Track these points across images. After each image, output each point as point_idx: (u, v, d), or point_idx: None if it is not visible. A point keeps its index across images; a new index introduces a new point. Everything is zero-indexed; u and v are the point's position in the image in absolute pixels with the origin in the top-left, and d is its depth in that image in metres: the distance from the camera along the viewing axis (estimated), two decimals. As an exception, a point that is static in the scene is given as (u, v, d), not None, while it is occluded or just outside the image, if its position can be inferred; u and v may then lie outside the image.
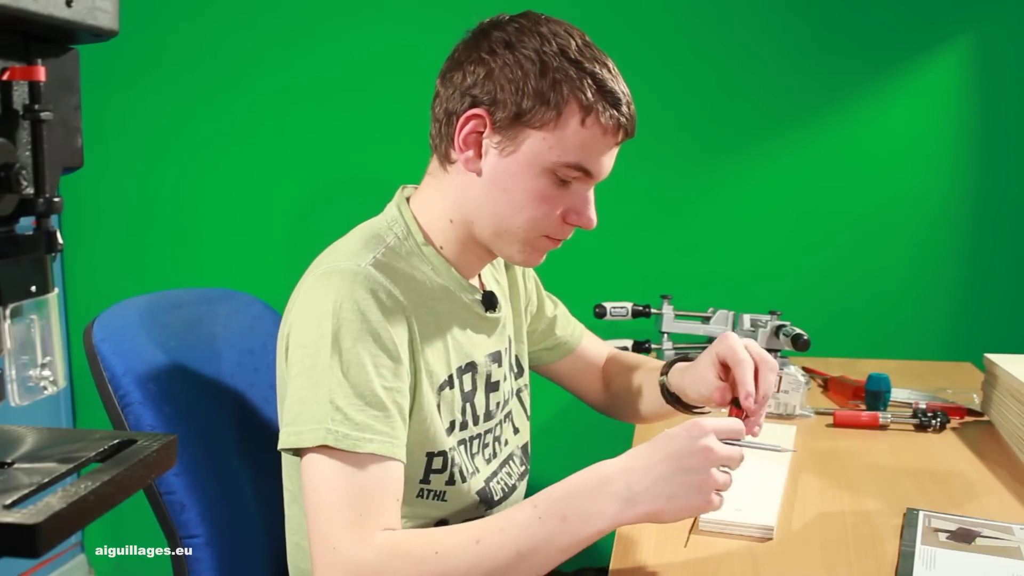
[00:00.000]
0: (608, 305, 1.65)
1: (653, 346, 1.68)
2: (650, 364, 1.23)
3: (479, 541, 0.81)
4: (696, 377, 1.05)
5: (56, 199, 0.55)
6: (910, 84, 1.92)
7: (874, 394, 1.43)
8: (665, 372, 1.14)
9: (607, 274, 2.03)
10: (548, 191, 0.94)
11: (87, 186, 2.09)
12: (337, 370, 0.86)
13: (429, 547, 0.81)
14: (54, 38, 0.57)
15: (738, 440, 0.85)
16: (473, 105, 0.93)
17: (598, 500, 0.82)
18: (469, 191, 0.96)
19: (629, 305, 1.66)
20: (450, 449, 0.98)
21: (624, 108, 0.93)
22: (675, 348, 1.67)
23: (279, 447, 0.88)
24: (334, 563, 0.81)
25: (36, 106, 0.54)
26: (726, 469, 0.84)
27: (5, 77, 0.53)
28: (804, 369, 1.59)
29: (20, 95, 0.54)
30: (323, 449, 0.84)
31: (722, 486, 0.83)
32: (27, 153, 0.55)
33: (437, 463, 0.97)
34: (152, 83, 2.09)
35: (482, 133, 0.94)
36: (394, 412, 0.88)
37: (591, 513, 0.81)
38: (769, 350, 1.51)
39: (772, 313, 1.56)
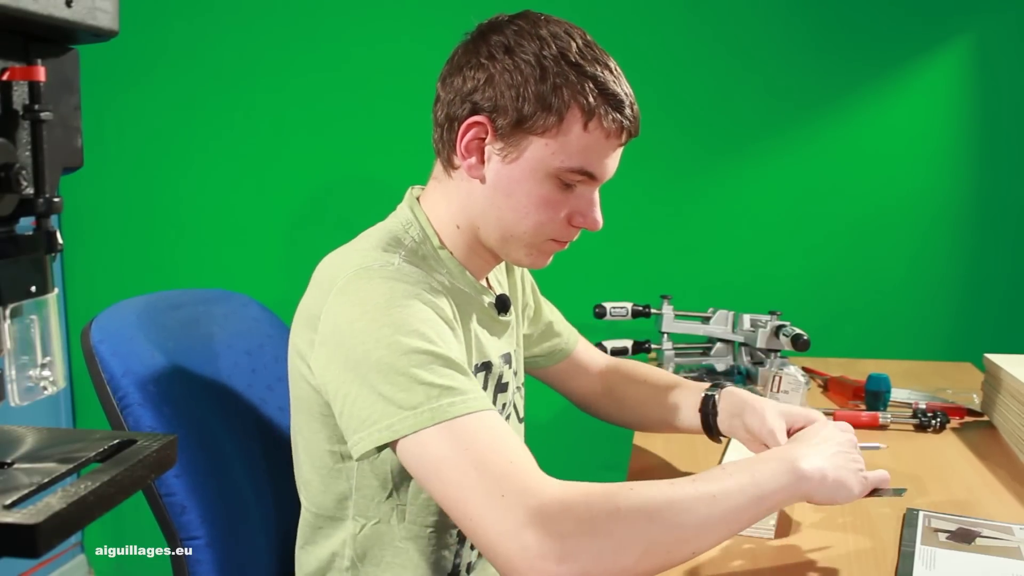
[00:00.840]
0: (608, 305, 1.65)
1: (653, 346, 1.68)
2: (668, 380, 1.23)
3: (672, 484, 0.79)
4: (749, 431, 1.06)
5: (56, 199, 0.55)
6: (910, 84, 1.92)
7: (874, 394, 1.43)
8: (709, 407, 1.12)
9: (607, 274, 2.03)
10: (552, 195, 0.93)
11: (87, 186, 2.09)
12: (411, 351, 0.82)
13: (622, 486, 0.78)
14: (54, 38, 0.57)
15: None
16: (474, 112, 0.92)
17: (778, 468, 0.85)
18: (473, 197, 0.96)
19: (629, 305, 1.66)
20: None
21: (627, 110, 0.93)
22: (675, 348, 1.67)
23: (363, 451, 0.81)
24: (517, 507, 0.73)
25: (36, 106, 0.54)
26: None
27: (5, 77, 0.53)
28: (804, 369, 1.59)
29: (20, 95, 0.54)
30: (433, 427, 0.79)
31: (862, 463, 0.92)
32: (27, 153, 0.55)
33: None
34: (152, 83, 2.09)
35: (484, 140, 0.93)
36: (470, 372, 0.86)
37: (769, 476, 0.83)
38: (769, 350, 1.52)
39: (772, 313, 1.56)
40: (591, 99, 0.90)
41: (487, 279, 1.09)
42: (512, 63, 0.90)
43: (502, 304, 1.06)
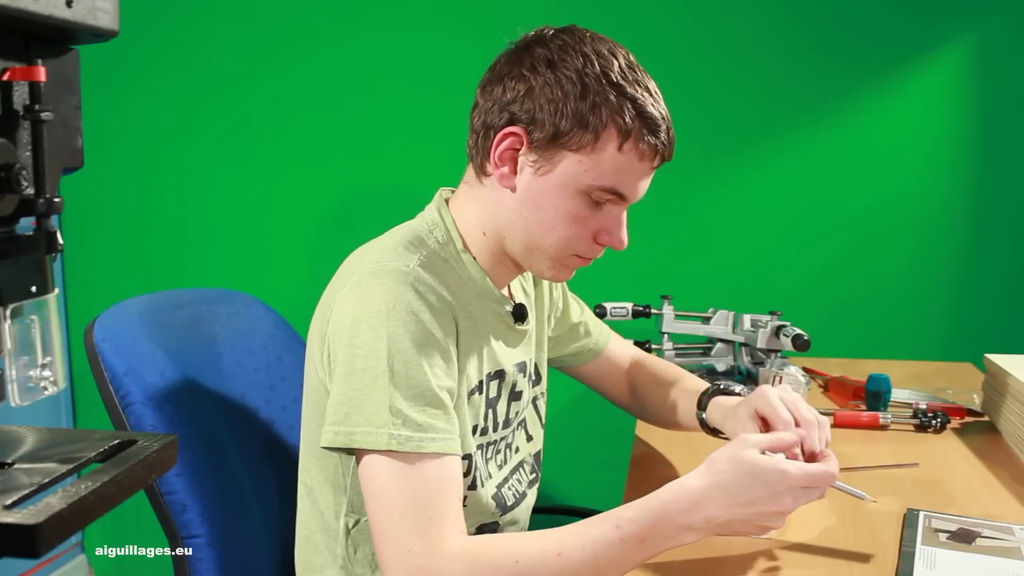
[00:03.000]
0: (608, 305, 1.65)
1: (653, 346, 1.68)
2: (679, 381, 1.23)
3: (560, 553, 0.81)
4: (736, 425, 1.06)
5: (56, 199, 0.55)
6: (910, 85, 1.92)
7: (874, 394, 1.43)
8: (702, 405, 1.15)
9: (607, 274, 2.03)
10: (581, 212, 0.94)
11: (87, 186, 2.09)
12: (394, 371, 0.85)
13: (509, 555, 0.82)
14: (54, 38, 0.57)
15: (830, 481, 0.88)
16: (511, 122, 0.93)
17: (676, 528, 0.84)
18: (502, 206, 0.97)
19: (629, 305, 1.66)
20: (472, 453, 0.99)
21: (663, 134, 0.93)
22: (675, 348, 1.67)
23: (322, 444, 0.87)
24: (410, 567, 0.81)
25: (36, 106, 0.54)
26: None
27: (5, 77, 0.53)
28: (804, 369, 1.59)
29: (20, 95, 0.54)
30: (386, 452, 0.84)
31: (780, 524, 0.87)
32: (27, 153, 0.55)
33: (463, 466, 0.97)
34: (152, 83, 2.09)
35: (518, 151, 0.94)
36: (450, 409, 0.89)
37: (667, 538, 0.84)
38: (769, 350, 1.52)
39: (772, 313, 1.56)
40: (628, 120, 0.90)
41: (509, 287, 1.09)
42: (554, 77, 0.91)
43: (519, 313, 1.06)
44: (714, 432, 1.15)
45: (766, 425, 1.01)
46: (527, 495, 1.12)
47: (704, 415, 1.14)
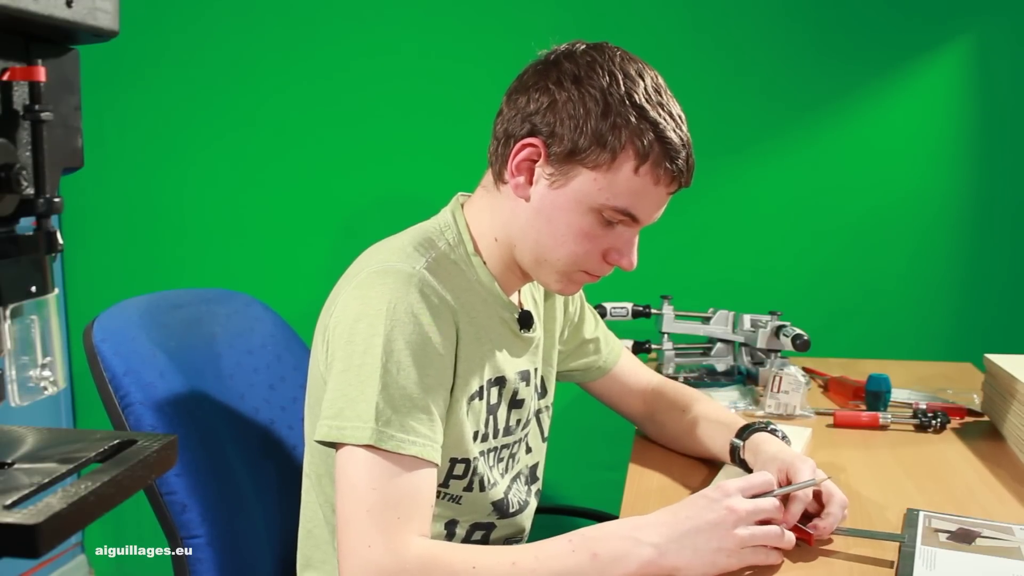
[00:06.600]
0: (608, 305, 1.65)
1: (653, 346, 1.68)
2: (706, 413, 1.20)
3: (515, 563, 0.83)
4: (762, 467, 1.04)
5: (56, 199, 0.55)
6: (910, 85, 1.92)
7: (874, 394, 1.43)
8: (741, 436, 1.11)
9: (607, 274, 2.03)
10: (592, 229, 0.95)
11: (87, 186, 2.09)
12: (387, 371, 0.86)
13: (467, 562, 0.83)
14: (54, 38, 0.57)
15: (770, 491, 0.90)
16: (531, 133, 0.94)
17: (628, 544, 0.84)
18: (516, 215, 0.97)
19: (629, 305, 1.66)
20: (474, 458, 0.99)
21: (681, 161, 0.93)
22: (675, 348, 1.67)
23: (317, 438, 0.88)
24: (368, 562, 0.82)
25: (36, 106, 0.54)
26: (767, 520, 0.88)
27: (5, 77, 0.53)
28: (804, 369, 1.59)
29: (20, 95, 0.54)
30: (366, 447, 0.84)
31: (752, 540, 0.86)
32: (27, 153, 0.55)
33: (459, 470, 0.98)
34: (152, 83, 2.09)
35: (535, 162, 0.94)
36: (436, 416, 0.89)
37: (620, 555, 0.84)
38: (769, 350, 1.52)
39: (772, 313, 1.56)
40: (647, 144, 0.91)
41: (519, 293, 1.09)
42: (578, 93, 0.91)
43: (525, 321, 1.06)
44: (742, 463, 1.11)
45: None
46: (529, 503, 1.12)
47: (740, 444, 1.10)
